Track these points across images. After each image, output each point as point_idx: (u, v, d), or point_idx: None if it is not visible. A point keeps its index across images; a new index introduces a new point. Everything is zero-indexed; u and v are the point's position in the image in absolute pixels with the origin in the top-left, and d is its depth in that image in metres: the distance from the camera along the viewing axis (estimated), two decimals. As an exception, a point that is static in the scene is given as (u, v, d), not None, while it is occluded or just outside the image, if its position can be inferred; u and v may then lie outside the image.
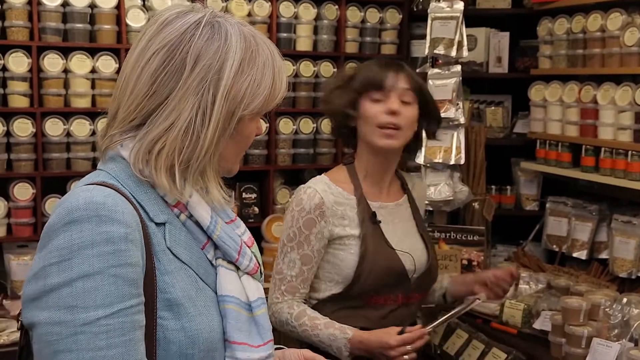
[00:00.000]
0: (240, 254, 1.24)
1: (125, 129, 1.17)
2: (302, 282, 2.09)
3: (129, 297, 1.06)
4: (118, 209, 1.08)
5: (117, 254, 1.06)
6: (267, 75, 1.19)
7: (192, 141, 1.15)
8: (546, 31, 3.37)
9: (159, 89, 1.14)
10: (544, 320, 2.60)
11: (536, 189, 3.64)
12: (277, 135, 3.47)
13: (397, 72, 2.08)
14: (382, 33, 3.69)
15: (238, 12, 3.34)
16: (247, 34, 1.19)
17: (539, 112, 3.41)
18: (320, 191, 2.08)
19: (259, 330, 1.23)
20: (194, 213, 1.19)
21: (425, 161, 3.05)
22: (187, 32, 1.15)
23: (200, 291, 1.18)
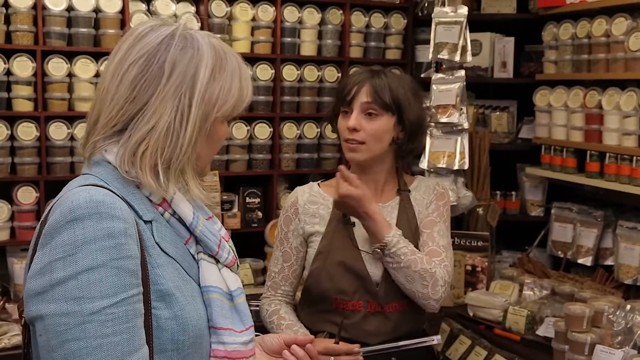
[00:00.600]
0: (220, 247, 1.34)
1: (108, 134, 1.26)
2: (283, 279, 2.17)
3: (130, 286, 1.15)
4: (116, 206, 1.17)
5: (118, 247, 1.14)
6: (235, 82, 1.31)
7: (173, 141, 1.24)
8: (551, 36, 3.36)
9: (139, 95, 1.23)
10: (548, 326, 2.58)
11: (541, 195, 3.63)
12: (281, 140, 3.47)
13: (361, 86, 2.06)
14: (386, 38, 3.69)
15: (242, 16, 3.34)
16: (216, 45, 1.31)
17: (544, 118, 3.40)
18: (299, 191, 2.20)
19: (240, 317, 1.33)
20: (178, 210, 1.29)
21: (428, 166, 3.04)
22: (163, 43, 1.25)
23: (186, 283, 1.27)
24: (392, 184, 2.20)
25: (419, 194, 2.20)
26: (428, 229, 2.14)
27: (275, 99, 3.45)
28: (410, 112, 2.08)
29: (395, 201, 2.16)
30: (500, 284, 3.05)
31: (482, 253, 3.18)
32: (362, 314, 2.05)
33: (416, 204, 2.17)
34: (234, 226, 3.37)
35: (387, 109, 2.05)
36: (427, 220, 2.15)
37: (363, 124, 2.05)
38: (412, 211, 2.16)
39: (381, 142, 2.07)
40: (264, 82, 3.40)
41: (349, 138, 2.07)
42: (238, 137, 3.37)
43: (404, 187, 2.19)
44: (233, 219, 3.38)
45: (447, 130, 3.03)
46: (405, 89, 2.09)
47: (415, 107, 2.10)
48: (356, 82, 2.08)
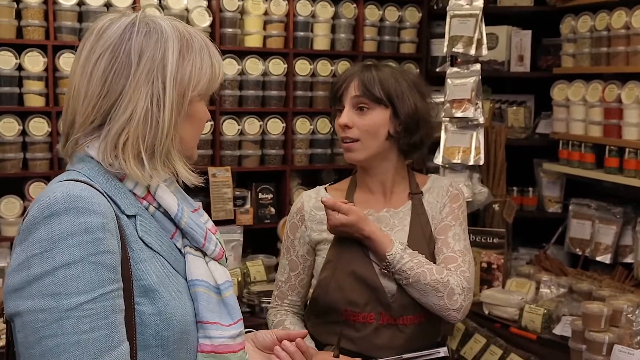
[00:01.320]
0: (207, 239, 1.32)
1: (88, 131, 1.25)
2: (290, 288, 2.08)
3: (109, 282, 1.14)
4: (94, 200, 1.16)
5: (95, 242, 1.13)
6: (205, 59, 1.31)
7: (153, 127, 1.24)
8: (569, 29, 3.29)
9: (112, 87, 1.23)
10: (565, 325, 2.54)
11: (559, 191, 3.57)
12: (294, 135, 3.44)
13: (350, 80, 1.98)
14: (401, 32, 3.64)
15: (254, 10, 3.31)
16: (179, 26, 1.31)
17: (562, 112, 3.34)
18: (305, 197, 2.09)
19: (228, 310, 1.31)
20: (162, 202, 1.28)
21: (443, 162, 2.99)
22: (125, 32, 1.26)
23: (172, 277, 1.26)
24: (403, 186, 2.07)
25: (432, 197, 2.06)
26: (442, 234, 2.01)
27: (288, 94, 3.42)
28: (404, 104, 1.97)
29: (407, 206, 2.04)
30: (516, 282, 3.01)
31: (498, 250, 3.13)
32: (374, 326, 1.93)
33: (429, 208, 2.04)
34: (247, 222, 3.35)
35: (378, 101, 1.96)
36: (441, 226, 2.02)
37: (355, 120, 1.96)
38: (426, 217, 2.03)
39: (376, 137, 1.97)
40: (276, 76, 3.37)
41: (343, 137, 1.99)
42: (250, 133, 3.34)
43: (415, 190, 2.06)
44: (245, 215, 3.36)
45: (462, 125, 2.98)
46: (397, 81, 1.98)
47: (410, 99, 1.98)
48: (345, 78, 2.01)
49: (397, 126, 1.98)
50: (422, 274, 1.88)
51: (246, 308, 2.98)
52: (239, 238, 3.29)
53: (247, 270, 3.18)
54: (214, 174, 3.28)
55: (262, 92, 3.38)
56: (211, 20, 3.23)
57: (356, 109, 1.97)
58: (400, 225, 2.01)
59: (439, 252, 1.99)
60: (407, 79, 2.02)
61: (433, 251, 1.99)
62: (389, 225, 2.01)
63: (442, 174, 3.01)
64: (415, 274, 1.88)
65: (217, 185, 3.28)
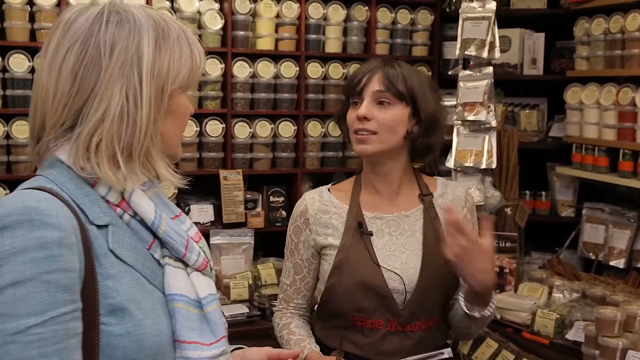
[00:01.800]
0: (188, 248, 1.22)
1: (59, 133, 1.15)
2: (295, 292, 2.05)
3: (62, 303, 1.04)
4: (52, 212, 1.06)
5: (50, 259, 1.03)
6: (184, 48, 1.21)
7: (129, 125, 1.14)
8: (583, 31, 3.27)
9: (83, 84, 1.13)
10: (578, 330, 2.51)
11: (572, 195, 3.55)
12: (305, 138, 3.43)
13: (372, 74, 1.92)
14: (413, 34, 3.63)
15: (266, 13, 3.31)
16: (153, 14, 1.21)
17: (575, 115, 3.32)
18: (308, 199, 2.03)
19: (211, 327, 1.20)
20: (138, 209, 1.18)
21: (455, 165, 2.98)
22: (95, 23, 1.15)
23: (146, 293, 1.15)
24: (410, 187, 2.01)
25: (446, 203, 1.99)
26: None
27: (300, 97, 3.41)
28: (426, 103, 1.92)
29: (419, 210, 1.97)
30: (529, 286, 2.99)
31: (510, 254, 3.11)
32: (382, 333, 1.88)
33: (441, 213, 1.96)
34: (258, 225, 3.35)
35: (401, 98, 1.90)
36: None
37: (374, 113, 1.89)
38: (438, 222, 1.95)
39: (395, 133, 1.90)
40: (288, 79, 3.36)
41: (358, 128, 1.90)
42: (262, 135, 3.34)
43: (426, 192, 2.00)
44: (257, 218, 3.35)
45: (475, 128, 2.96)
46: (420, 80, 1.95)
47: (431, 99, 1.94)
48: (367, 71, 1.93)
49: (414, 126, 1.93)
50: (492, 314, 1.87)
51: (257, 311, 2.98)
52: (250, 241, 3.29)
53: (258, 273, 3.18)
54: (225, 177, 3.28)
55: (273, 95, 3.38)
56: (223, 23, 3.23)
57: (377, 103, 1.90)
58: (411, 230, 1.95)
59: None
60: (426, 79, 1.99)
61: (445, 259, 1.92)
62: (398, 230, 1.95)
63: (454, 177, 3.00)
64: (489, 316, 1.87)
65: (228, 188, 3.28)
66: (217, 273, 3.16)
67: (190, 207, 3.27)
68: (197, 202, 3.31)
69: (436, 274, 1.91)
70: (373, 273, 1.88)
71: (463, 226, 1.69)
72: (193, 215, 3.26)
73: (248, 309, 2.96)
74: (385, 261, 1.90)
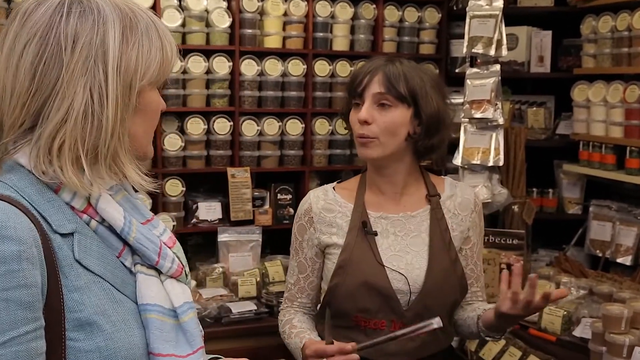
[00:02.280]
0: (161, 255, 1.14)
1: (18, 135, 1.07)
2: (299, 290, 2.03)
3: (23, 322, 0.96)
4: (9, 224, 0.98)
5: (8, 275, 0.96)
6: (154, 41, 1.12)
7: (95, 125, 1.05)
8: (590, 29, 3.27)
9: (42, 82, 1.04)
10: (585, 327, 2.52)
11: (579, 192, 3.55)
12: (312, 136, 3.45)
13: (373, 74, 1.86)
14: (420, 32, 3.64)
15: (274, 11, 3.32)
16: (119, 3, 1.11)
17: (582, 113, 3.32)
18: (313, 197, 2.00)
19: (187, 338, 1.13)
20: (105, 216, 1.09)
21: (462, 162, 2.99)
22: (55, 14, 1.06)
23: (117, 304, 1.08)
24: (416, 187, 1.97)
25: (454, 206, 1.96)
26: (479, 260, 2.00)
27: (307, 95, 3.43)
28: (427, 104, 1.86)
29: (425, 210, 1.94)
30: (535, 283, 2.99)
31: (517, 251, 3.12)
32: (385, 333, 1.82)
33: (448, 216, 1.95)
34: (266, 223, 3.36)
35: (402, 100, 1.85)
36: (479, 249, 1.99)
37: (375, 116, 1.85)
38: (445, 222, 1.93)
39: (396, 136, 1.86)
40: (295, 77, 3.38)
41: (360, 133, 1.87)
42: (269, 133, 3.35)
43: (433, 192, 1.96)
44: (264, 216, 3.37)
45: (482, 126, 2.97)
46: (422, 79, 1.88)
47: (433, 99, 1.88)
48: (368, 71, 1.87)
49: (417, 127, 1.89)
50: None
51: (264, 308, 2.99)
52: (257, 238, 3.30)
53: (265, 271, 3.19)
54: (233, 175, 3.29)
55: (281, 92, 3.39)
56: (231, 21, 3.25)
57: (377, 105, 1.86)
58: (417, 230, 1.92)
59: (477, 280, 2.00)
60: (429, 77, 1.93)
61: (454, 259, 1.91)
62: (403, 231, 1.92)
63: (462, 174, 3.01)
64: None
65: (236, 186, 3.30)
66: (225, 270, 3.18)
67: (198, 204, 3.29)
68: (205, 199, 3.33)
69: (442, 276, 1.88)
70: (377, 273, 1.85)
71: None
72: (201, 212, 3.28)
73: (256, 306, 2.97)
74: (390, 261, 1.88)
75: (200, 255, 3.37)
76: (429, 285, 1.87)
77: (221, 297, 2.99)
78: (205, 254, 3.36)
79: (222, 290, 3.06)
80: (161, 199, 3.19)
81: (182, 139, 3.22)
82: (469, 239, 1.97)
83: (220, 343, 2.71)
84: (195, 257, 3.36)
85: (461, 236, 1.96)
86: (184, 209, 3.29)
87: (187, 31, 3.22)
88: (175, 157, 3.22)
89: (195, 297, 2.95)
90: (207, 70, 3.24)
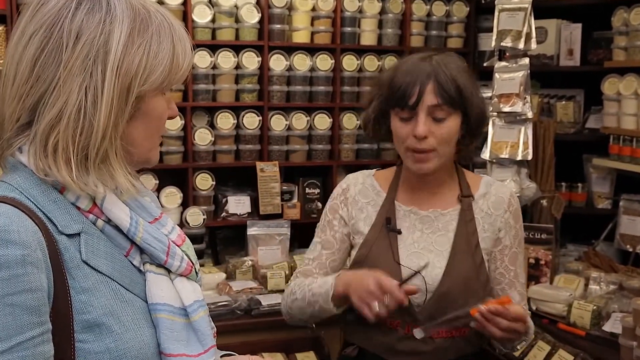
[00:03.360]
0: (169, 254, 1.12)
1: (17, 129, 1.05)
2: (319, 265, 1.93)
3: (29, 327, 0.95)
4: (13, 228, 0.96)
5: (13, 280, 0.94)
6: (165, 45, 1.07)
7: (85, 127, 1.02)
8: (621, 21, 3.23)
9: (40, 76, 1.02)
10: (615, 322, 2.50)
11: (609, 187, 3.51)
12: (340, 131, 3.46)
13: (425, 85, 1.75)
14: (448, 26, 3.63)
15: (302, 6, 3.34)
16: (135, 3, 1.07)
17: (613, 106, 3.29)
18: (352, 179, 1.97)
19: (198, 337, 1.11)
20: (111, 216, 1.07)
21: (491, 156, 2.98)
22: (64, 8, 1.03)
23: (126, 304, 1.06)
24: (450, 186, 1.91)
25: (487, 205, 1.89)
26: (512, 265, 1.88)
27: (335, 89, 3.44)
28: (473, 105, 1.80)
29: (456, 210, 1.88)
30: (564, 278, 2.98)
31: (545, 246, 3.10)
32: (399, 334, 1.80)
33: (481, 216, 1.88)
34: (294, 217, 3.39)
35: (457, 107, 1.77)
36: (511, 253, 1.88)
37: (432, 129, 1.76)
38: (474, 225, 1.86)
39: (450, 145, 1.81)
40: (323, 72, 3.39)
41: (417, 148, 1.77)
42: (298, 128, 3.37)
43: (466, 192, 1.89)
44: (293, 210, 3.39)
45: (511, 119, 2.96)
46: (463, 76, 1.80)
47: (476, 96, 1.81)
48: (417, 81, 1.76)
49: (464, 129, 1.83)
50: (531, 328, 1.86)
51: (293, 301, 3.01)
52: (286, 232, 3.33)
53: (294, 264, 3.22)
54: (262, 169, 3.32)
55: (309, 87, 3.41)
56: (260, 17, 3.27)
57: (432, 116, 1.77)
58: (444, 230, 1.87)
59: (511, 285, 1.89)
60: (465, 71, 1.84)
61: (478, 264, 1.84)
62: (431, 228, 1.87)
63: (490, 169, 3.00)
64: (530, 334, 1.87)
65: (264, 180, 3.33)
66: (254, 263, 3.21)
67: (228, 198, 3.32)
68: (234, 193, 3.36)
69: (461, 280, 1.82)
70: (392, 271, 1.78)
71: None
72: (230, 206, 3.31)
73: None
74: (411, 259, 1.83)
75: (230, 249, 3.41)
76: (446, 287, 1.81)
77: (251, 289, 3.03)
78: (234, 247, 3.40)
79: (252, 283, 3.09)
80: (191, 192, 3.23)
81: (212, 134, 3.25)
82: (499, 240, 1.89)
83: (250, 335, 2.75)
84: (224, 250, 3.40)
85: (492, 237, 1.89)
86: (214, 203, 3.32)
87: (217, 27, 3.25)
88: (205, 152, 3.26)
89: (226, 289, 2.99)
90: (237, 65, 3.26)
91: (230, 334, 2.61)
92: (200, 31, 3.20)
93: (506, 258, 1.89)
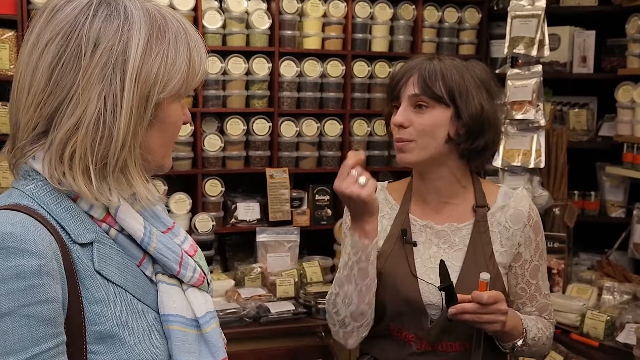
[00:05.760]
0: (182, 265, 1.11)
1: (32, 138, 1.03)
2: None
3: (45, 339, 0.94)
4: (29, 237, 0.95)
5: (29, 290, 0.93)
6: (182, 51, 1.07)
7: (105, 136, 1.00)
8: (635, 29, 3.21)
9: (58, 84, 1.00)
10: (629, 333, 2.47)
11: (622, 195, 3.48)
12: (351, 137, 3.44)
13: (409, 75, 1.75)
14: (460, 33, 3.61)
15: (313, 13, 3.33)
16: (151, 9, 1.06)
17: (627, 114, 3.26)
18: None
19: (210, 349, 1.10)
20: (125, 226, 1.06)
21: (503, 164, 2.96)
22: (81, 15, 1.01)
23: (138, 315, 1.05)
24: (463, 197, 1.84)
25: (504, 218, 1.81)
26: (534, 278, 1.82)
27: (346, 96, 3.43)
28: (468, 103, 1.73)
29: (472, 223, 1.81)
30: (577, 287, 2.94)
31: (558, 255, 3.07)
32: (412, 349, 1.76)
33: (498, 230, 1.81)
34: (303, 223, 3.37)
35: (439, 100, 1.73)
36: (532, 266, 1.81)
37: (412, 118, 1.73)
38: (488, 236, 1.80)
39: (434, 139, 1.73)
40: (334, 78, 3.38)
41: (397, 137, 1.76)
42: (308, 134, 3.36)
43: (481, 202, 1.82)
44: (302, 216, 3.38)
45: (523, 127, 2.93)
46: (463, 77, 1.74)
47: (475, 98, 1.74)
48: (404, 72, 1.77)
49: (459, 128, 1.75)
50: (539, 338, 1.79)
51: (302, 309, 3.00)
52: (295, 239, 3.31)
53: (303, 271, 3.20)
54: (271, 175, 3.31)
55: (320, 93, 3.40)
56: (270, 23, 3.26)
57: (414, 107, 1.75)
58: (461, 244, 1.79)
59: (532, 298, 1.84)
60: (473, 75, 1.78)
61: (493, 277, 1.74)
62: (447, 243, 1.80)
63: (502, 176, 2.98)
64: (534, 342, 1.78)
65: (274, 186, 3.31)
66: (264, 270, 3.19)
67: (237, 204, 3.31)
68: (244, 200, 3.35)
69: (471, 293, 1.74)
70: (408, 284, 1.75)
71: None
72: (239, 212, 3.30)
73: (294, 306, 2.98)
74: (428, 274, 1.77)
75: (239, 255, 3.39)
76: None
77: (259, 296, 3.01)
78: (243, 254, 3.38)
79: (261, 290, 3.08)
80: (201, 198, 3.22)
81: (222, 140, 3.24)
82: (519, 255, 1.81)
83: (258, 342, 2.73)
84: (233, 257, 3.38)
85: (510, 252, 1.81)
86: (223, 209, 3.31)
87: (227, 33, 3.24)
88: (214, 158, 3.25)
89: (234, 296, 2.97)
90: (247, 71, 3.26)
91: (238, 341, 2.59)
92: (211, 37, 3.20)
93: (527, 272, 1.83)
